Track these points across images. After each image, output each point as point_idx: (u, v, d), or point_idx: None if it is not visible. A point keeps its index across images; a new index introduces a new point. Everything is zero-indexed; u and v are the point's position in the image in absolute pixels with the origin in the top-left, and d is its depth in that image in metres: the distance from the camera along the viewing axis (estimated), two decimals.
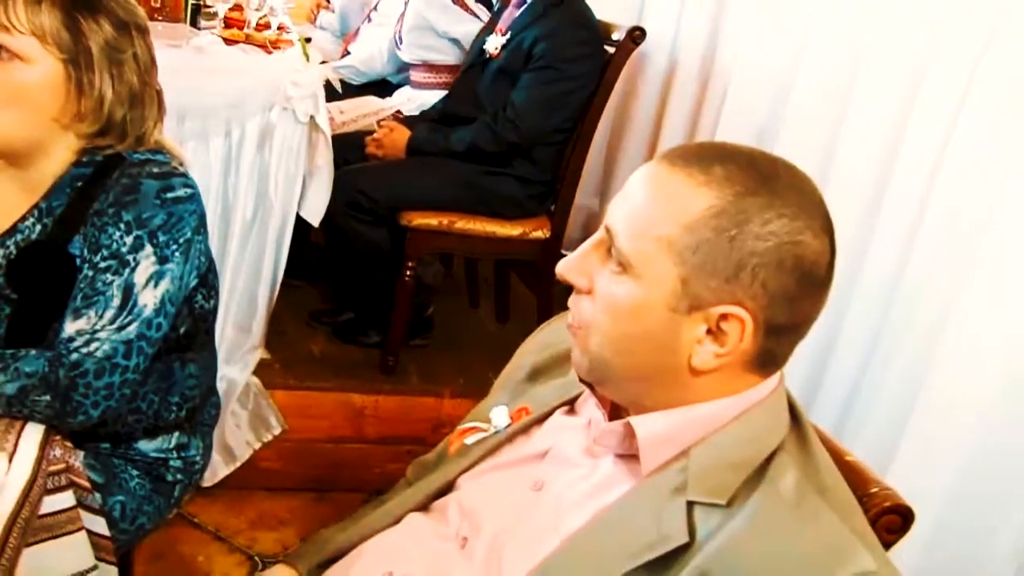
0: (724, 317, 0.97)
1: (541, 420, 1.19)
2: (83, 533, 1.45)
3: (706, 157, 0.99)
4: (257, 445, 2.64)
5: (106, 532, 1.52)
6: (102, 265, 1.43)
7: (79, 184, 1.49)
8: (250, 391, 2.63)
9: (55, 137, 1.47)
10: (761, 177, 0.97)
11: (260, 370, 2.68)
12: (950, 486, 1.88)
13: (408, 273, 2.78)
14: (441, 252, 3.35)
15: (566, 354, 1.22)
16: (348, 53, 3.73)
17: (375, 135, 2.99)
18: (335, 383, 2.74)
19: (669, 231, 0.97)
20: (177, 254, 1.47)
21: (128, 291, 1.43)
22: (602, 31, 2.91)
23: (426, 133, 2.94)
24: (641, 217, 0.99)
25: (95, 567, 1.46)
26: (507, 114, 2.81)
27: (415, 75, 3.52)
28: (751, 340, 0.98)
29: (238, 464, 2.61)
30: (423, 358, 2.95)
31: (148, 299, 1.44)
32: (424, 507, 1.20)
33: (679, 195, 0.97)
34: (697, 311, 0.97)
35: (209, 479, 2.56)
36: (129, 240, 1.43)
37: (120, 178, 1.46)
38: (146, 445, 1.64)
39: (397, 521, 1.18)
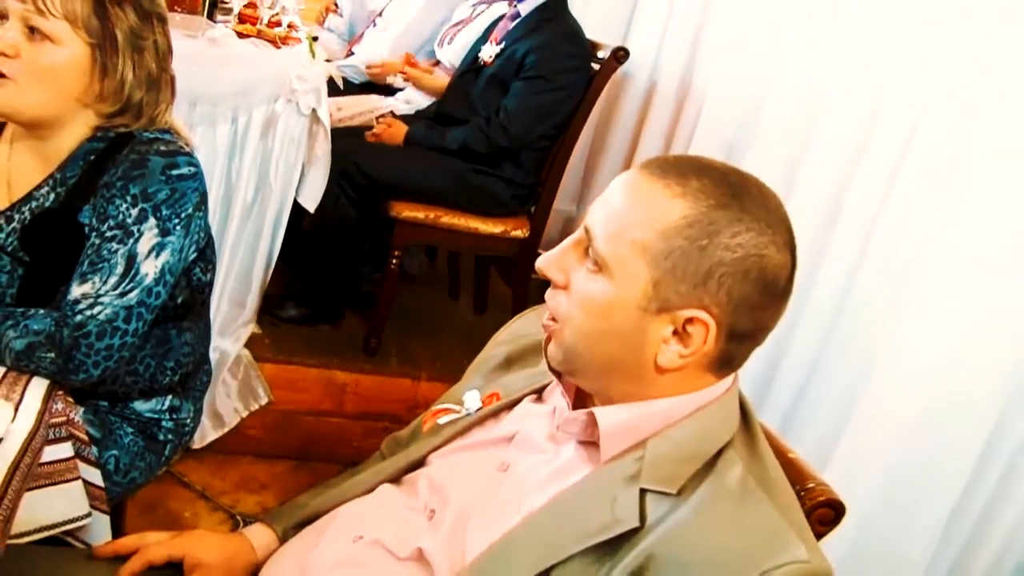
0: (690, 320, 0.98)
1: (510, 406, 1.19)
2: (80, 482, 1.45)
3: (684, 169, 1.00)
4: (244, 413, 2.63)
5: (100, 483, 1.52)
6: (108, 234, 1.43)
7: (92, 158, 1.49)
8: (241, 363, 2.62)
9: (76, 114, 1.49)
10: (732, 192, 0.98)
11: (251, 344, 2.67)
12: (877, 486, 1.90)
13: (394, 262, 2.77)
14: (426, 244, 3.35)
15: (537, 345, 1.23)
16: (352, 54, 3.71)
17: (374, 129, 2.98)
18: (320, 360, 2.73)
19: (644, 236, 0.97)
20: (178, 228, 1.47)
21: (131, 260, 1.43)
22: (590, 48, 2.93)
23: (423, 130, 2.95)
24: (619, 221, 0.99)
25: (89, 514, 1.46)
26: (499, 119, 2.82)
27: (441, 71, 3.50)
28: (713, 343, 0.99)
29: (226, 430, 2.61)
30: (403, 343, 2.95)
31: (149, 268, 1.45)
32: (396, 480, 1.20)
33: (656, 203, 0.98)
34: (665, 313, 0.98)
35: (198, 442, 2.56)
36: (134, 212, 1.43)
37: (129, 154, 1.47)
38: (141, 405, 1.64)
39: (370, 491, 1.19)
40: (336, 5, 4.06)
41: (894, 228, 2.01)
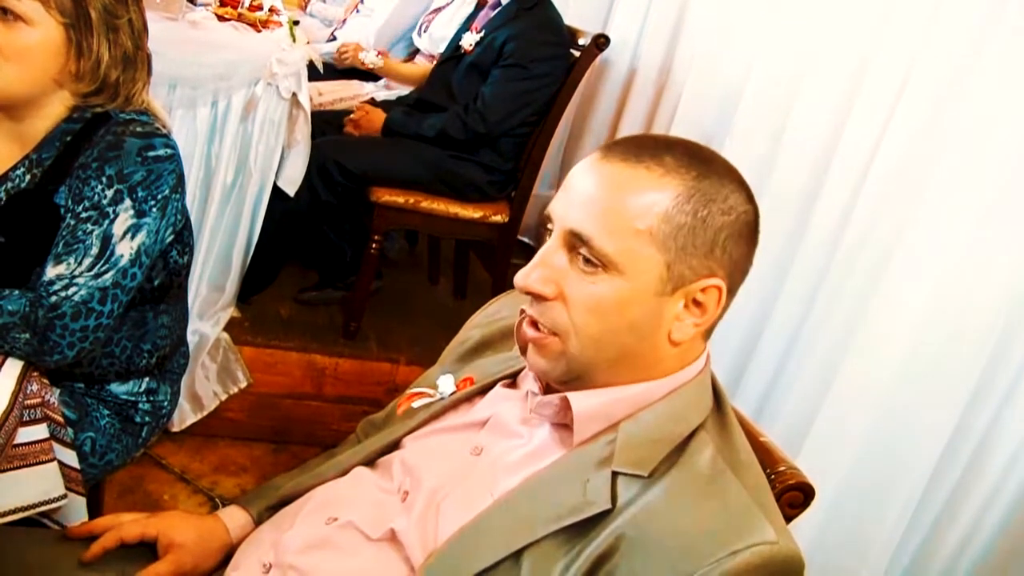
0: (704, 290, 0.99)
1: (484, 390, 1.18)
2: (55, 464, 1.45)
3: (651, 149, 1.00)
4: (224, 396, 2.62)
5: (76, 465, 1.51)
6: (83, 215, 1.41)
7: (68, 139, 1.47)
8: (220, 346, 2.60)
9: (51, 94, 1.46)
10: (703, 161, 1.00)
11: (230, 327, 2.65)
12: (847, 470, 1.91)
13: (374, 246, 2.76)
14: (405, 228, 3.34)
15: (510, 329, 1.22)
16: (335, 39, 3.69)
17: (352, 116, 2.97)
18: (299, 343, 2.72)
19: (648, 223, 0.97)
20: (154, 209, 1.45)
21: (106, 241, 1.41)
22: (569, 36, 2.92)
23: (401, 117, 2.93)
24: (613, 215, 0.97)
25: (64, 496, 1.45)
26: (476, 106, 2.81)
27: (420, 60, 3.49)
28: (723, 306, 1.01)
29: (205, 413, 2.59)
30: (382, 327, 2.94)
31: (125, 250, 1.43)
32: (370, 462, 1.19)
33: (647, 188, 0.97)
34: (680, 289, 0.99)
35: (178, 425, 2.55)
36: (110, 193, 1.41)
37: (105, 135, 1.45)
38: (118, 387, 1.62)
39: (344, 473, 1.18)
40: None
41: (867, 218, 2.02)
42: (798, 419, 2.06)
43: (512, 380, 1.19)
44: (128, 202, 1.43)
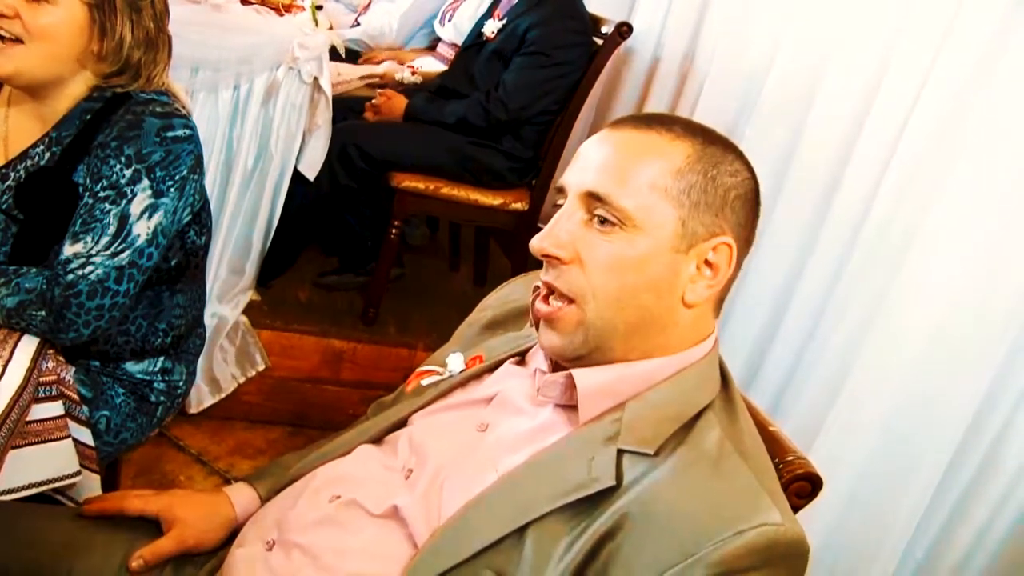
0: (716, 248, 1.02)
1: (492, 368, 1.18)
2: (69, 441, 1.46)
3: (657, 120, 1.06)
4: (242, 379, 2.63)
5: (91, 443, 1.53)
6: (101, 194, 1.43)
7: (87, 117, 1.49)
8: (239, 329, 2.62)
9: (74, 74, 1.48)
10: (705, 131, 1.06)
11: (249, 310, 2.67)
12: (860, 463, 1.90)
13: (393, 232, 2.77)
14: (426, 215, 3.34)
15: (522, 309, 1.24)
16: (358, 25, 3.69)
17: (373, 101, 2.97)
18: (318, 328, 2.73)
19: (663, 180, 1.01)
20: (172, 190, 1.47)
21: (123, 220, 1.43)
22: (592, 23, 2.91)
23: (422, 103, 2.93)
24: (630, 173, 1.01)
25: (78, 473, 1.47)
26: (498, 93, 2.80)
27: (443, 49, 3.49)
28: (734, 267, 1.04)
29: (223, 395, 2.61)
30: (402, 312, 2.95)
31: (141, 229, 1.44)
32: (378, 440, 1.20)
33: (660, 149, 1.02)
34: (693, 248, 1.01)
35: (195, 407, 2.57)
36: (128, 173, 1.43)
37: (125, 115, 1.46)
38: (133, 366, 1.64)
39: (350, 451, 1.18)
40: None
41: (886, 211, 2.00)
42: (813, 410, 2.04)
43: (521, 358, 1.19)
44: (146, 182, 1.44)
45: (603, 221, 1.01)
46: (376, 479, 1.09)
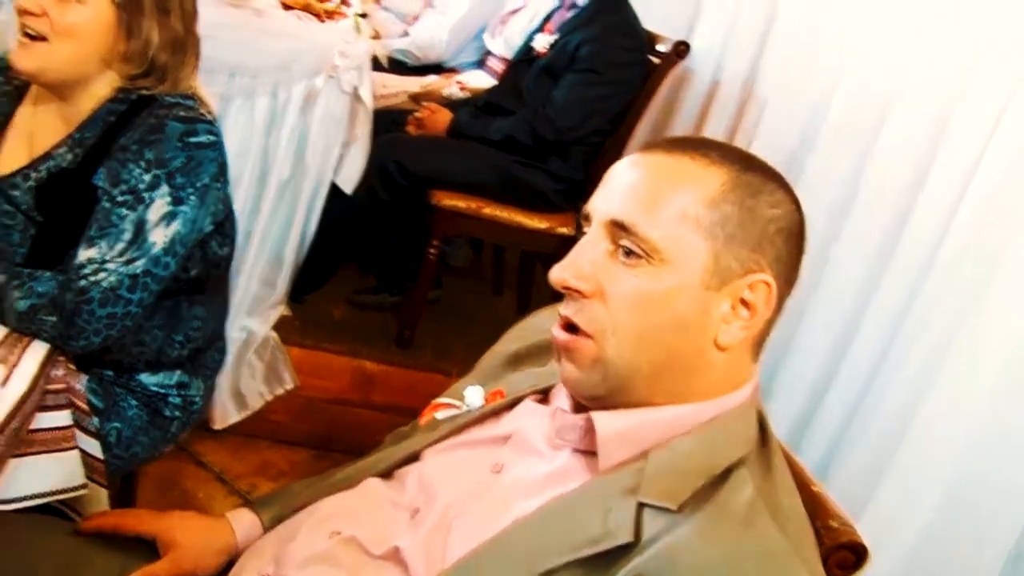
0: (752, 286, 0.96)
1: (512, 405, 1.14)
2: (76, 452, 1.45)
3: (691, 144, 1.01)
4: (269, 397, 2.62)
5: (99, 455, 1.52)
6: (119, 199, 1.43)
7: (111, 119, 1.49)
8: (268, 345, 2.61)
9: (99, 74, 1.50)
10: (744, 157, 1.01)
11: (280, 326, 2.66)
12: (920, 530, 1.81)
13: (432, 251, 2.74)
14: (466, 235, 3.32)
15: (548, 343, 1.18)
16: (407, 35, 3.70)
17: (417, 114, 2.96)
18: (350, 348, 2.71)
19: (695, 210, 0.95)
20: (193, 197, 1.46)
21: (140, 227, 1.43)
22: (649, 41, 2.88)
23: (467, 118, 2.91)
24: (659, 201, 0.96)
25: (84, 486, 1.46)
26: (546, 111, 2.77)
27: (492, 63, 3.49)
28: (773, 308, 0.98)
29: (248, 412, 2.60)
30: (439, 336, 2.92)
31: (158, 237, 1.44)
32: (387, 474, 1.16)
33: (692, 175, 0.97)
34: (726, 285, 0.96)
35: (219, 423, 2.56)
36: (147, 178, 1.43)
37: (148, 118, 1.47)
38: (148, 378, 1.63)
39: (357, 483, 1.15)
40: None
41: (958, 247, 1.93)
42: (868, 469, 1.96)
43: (544, 395, 1.14)
44: (165, 188, 1.44)
45: (628, 252, 0.96)
46: (380, 516, 1.06)
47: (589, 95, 2.75)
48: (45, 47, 1.41)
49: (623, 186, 0.99)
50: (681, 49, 2.74)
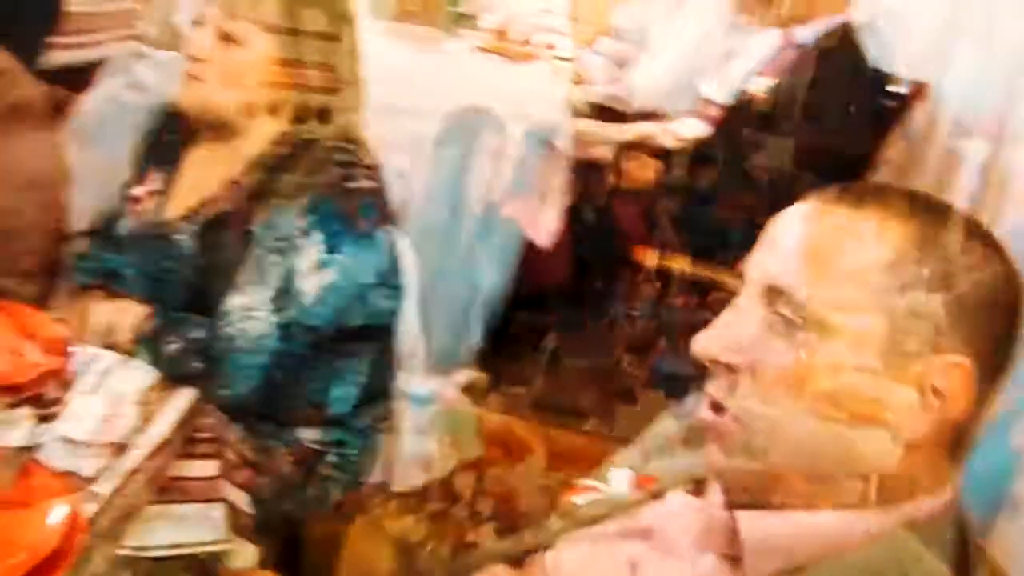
0: (945, 370, 0.80)
1: (662, 494, 1.01)
2: (221, 505, 1.43)
3: (869, 193, 0.85)
4: (452, 463, 2.57)
5: (248, 509, 1.50)
6: (271, 245, 1.44)
7: (271, 164, 1.51)
8: (453, 408, 2.57)
9: (261, 117, 1.53)
10: (937, 209, 0.84)
11: (469, 390, 2.61)
12: None
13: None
14: None
15: None
16: (619, 80, 3.63)
17: (621, 165, 2.87)
18: (542, 418, 2.62)
19: (870, 276, 0.81)
20: (348, 246, 1.43)
21: (290, 276, 1.42)
22: (882, 82, 2.65)
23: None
24: (824, 265, 0.82)
25: (229, 540, 1.44)
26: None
27: (707, 109, 3.37)
28: (971, 398, 0.81)
29: (432, 477, 2.56)
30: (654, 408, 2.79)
31: (309, 287, 1.42)
32: (517, 562, 1.07)
33: (866, 232, 0.82)
34: (910, 367, 0.80)
35: (399, 484, 2.53)
36: (301, 224, 1.42)
37: (307, 162, 1.48)
38: (303, 433, 1.60)
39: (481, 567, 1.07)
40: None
41: None
42: None
43: (700, 486, 0.99)
44: (319, 235, 1.43)
45: (788, 323, 0.81)
46: None
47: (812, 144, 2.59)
48: (203, 85, 1.46)
49: (781, 245, 0.85)
50: (920, 91, 2.51)
